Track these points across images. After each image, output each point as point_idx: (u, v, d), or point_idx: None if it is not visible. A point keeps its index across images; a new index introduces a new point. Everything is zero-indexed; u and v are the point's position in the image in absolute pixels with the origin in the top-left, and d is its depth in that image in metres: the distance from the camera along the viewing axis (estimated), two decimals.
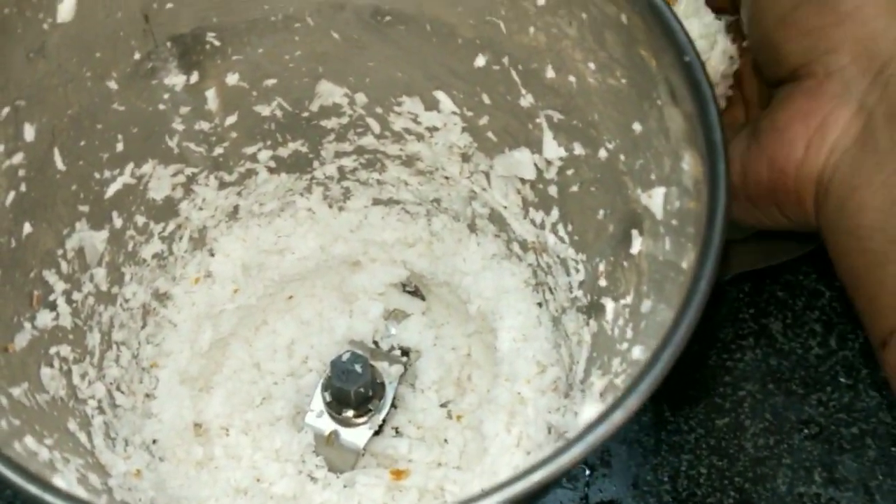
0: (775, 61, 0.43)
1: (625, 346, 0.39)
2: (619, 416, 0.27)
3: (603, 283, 0.44)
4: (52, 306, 0.43)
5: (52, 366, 0.41)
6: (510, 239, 0.55)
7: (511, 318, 0.53)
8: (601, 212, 0.44)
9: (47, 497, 0.26)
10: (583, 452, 0.27)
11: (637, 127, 0.39)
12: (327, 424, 0.53)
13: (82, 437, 0.40)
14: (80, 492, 0.33)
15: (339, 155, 0.55)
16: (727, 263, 0.55)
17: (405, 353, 0.58)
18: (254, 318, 0.57)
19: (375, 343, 0.58)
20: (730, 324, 0.60)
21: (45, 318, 0.42)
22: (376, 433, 0.53)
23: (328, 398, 0.52)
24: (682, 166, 0.35)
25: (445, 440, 0.54)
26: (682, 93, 0.34)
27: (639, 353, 0.36)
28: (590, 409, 0.34)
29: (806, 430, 0.56)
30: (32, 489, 0.27)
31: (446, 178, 0.55)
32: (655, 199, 0.37)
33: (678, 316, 0.28)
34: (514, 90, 0.46)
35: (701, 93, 0.33)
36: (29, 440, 0.32)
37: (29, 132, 0.40)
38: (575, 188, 0.46)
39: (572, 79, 0.42)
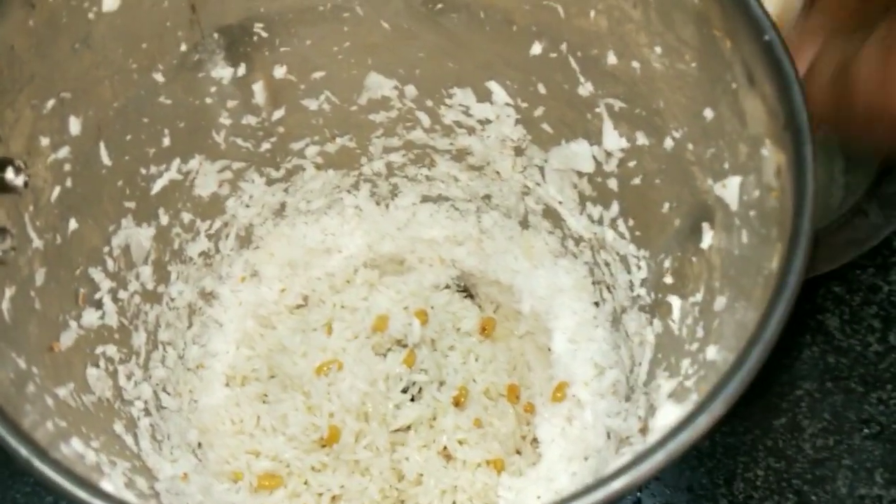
0: None
1: (695, 346, 0.37)
2: (703, 421, 0.24)
3: (669, 280, 0.42)
4: (98, 305, 0.42)
5: (98, 366, 0.40)
6: (565, 236, 0.53)
7: (566, 318, 0.51)
8: (666, 205, 0.42)
9: (96, 502, 0.24)
10: (665, 460, 0.25)
11: (708, 113, 0.37)
12: None
13: (129, 440, 0.39)
14: (129, 496, 0.32)
15: (387, 150, 0.53)
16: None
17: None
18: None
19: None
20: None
21: (90, 317, 0.41)
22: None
23: None
24: (761, 153, 0.33)
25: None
26: (761, 74, 0.32)
27: (714, 353, 0.33)
28: (665, 413, 0.32)
29: (866, 430, 0.54)
30: (81, 494, 0.25)
31: (498, 172, 0.53)
32: (730, 190, 0.35)
33: (766, 313, 0.26)
34: (573, 78, 0.44)
35: (783, 73, 0.31)
36: (76, 442, 0.31)
37: (74, 125, 0.39)
38: (637, 181, 0.44)
39: (636, 64, 0.40)
